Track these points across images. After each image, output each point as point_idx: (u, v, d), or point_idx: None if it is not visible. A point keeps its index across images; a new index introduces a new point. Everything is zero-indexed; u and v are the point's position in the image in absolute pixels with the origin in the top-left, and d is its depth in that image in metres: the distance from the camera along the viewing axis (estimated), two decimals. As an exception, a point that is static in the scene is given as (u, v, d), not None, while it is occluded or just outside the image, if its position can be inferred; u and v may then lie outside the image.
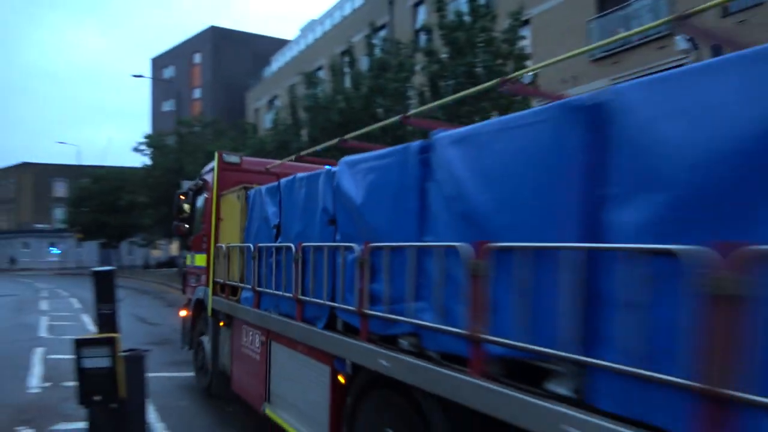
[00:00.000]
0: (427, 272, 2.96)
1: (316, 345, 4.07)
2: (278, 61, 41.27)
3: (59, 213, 60.81)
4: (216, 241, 6.76)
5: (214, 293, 6.73)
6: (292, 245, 4.42)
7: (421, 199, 3.19)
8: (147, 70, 61.03)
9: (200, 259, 7.45)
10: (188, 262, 8.45)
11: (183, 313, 8.49)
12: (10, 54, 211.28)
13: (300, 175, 4.72)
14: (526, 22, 16.66)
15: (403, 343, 3.17)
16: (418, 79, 16.09)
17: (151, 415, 6.01)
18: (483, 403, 2.47)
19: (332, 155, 9.51)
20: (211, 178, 7.18)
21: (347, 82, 18.89)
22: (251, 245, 5.34)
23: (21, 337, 12.28)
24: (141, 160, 44.68)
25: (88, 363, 3.04)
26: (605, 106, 2.20)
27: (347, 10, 31.95)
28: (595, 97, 2.27)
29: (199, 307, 7.52)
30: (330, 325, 3.99)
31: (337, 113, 17.58)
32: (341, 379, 3.90)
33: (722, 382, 1.65)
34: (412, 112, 5.11)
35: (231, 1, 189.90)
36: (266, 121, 37.10)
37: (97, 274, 3.28)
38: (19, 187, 64.44)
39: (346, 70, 19.63)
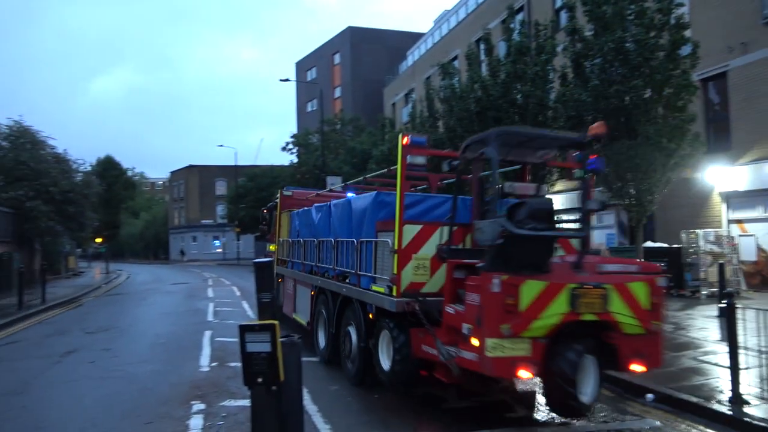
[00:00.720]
0: (329, 249, 8.36)
1: (307, 281, 9.62)
2: (413, 55, 41.64)
3: (220, 209, 67.20)
4: (278, 237, 12.69)
5: (278, 264, 12.15)
6: (301, 239, 10.37)
7: (329, 223, 8.50)
8: (292, 74, 64.88)
9: (273, 247, 13.56)
10: (268, 249, 14.84)
11: None
12: (179, 71, 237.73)
13: (306, 208, 10.62)
14: (684, -12, 15.06)
15: (325, 275, 8.67)
16: (560, 61, 15.29)
17: (305, 397, 6.37)
18: (335, 289, 8.03)
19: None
20: (278, 203, 12.96)
21: (484, 70, 18.50)
22: (290, 239, 11.45)
23: (193, 320, 13.73)
24: (289, 159, 47.90)
25: (252, 347, 3.26)
26: (350, 203, 7.89)
27: (482, -4, 31.25)
28: (348, 200, 8.09)
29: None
30: (311, 272, 9.48)
31: (474, 102, 17.28)
32: (312, 293, 9.29)
33: (359, 270, 7.26)
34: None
35: (367, 1, 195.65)
36: (403, 115, 37.65)
37: (257, 265, 3.51)
38: (188, 187, 72.20)
39: (483, 57, 19.23)
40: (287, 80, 36.63)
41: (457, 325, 5.37)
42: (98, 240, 43.23)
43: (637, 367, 5.32)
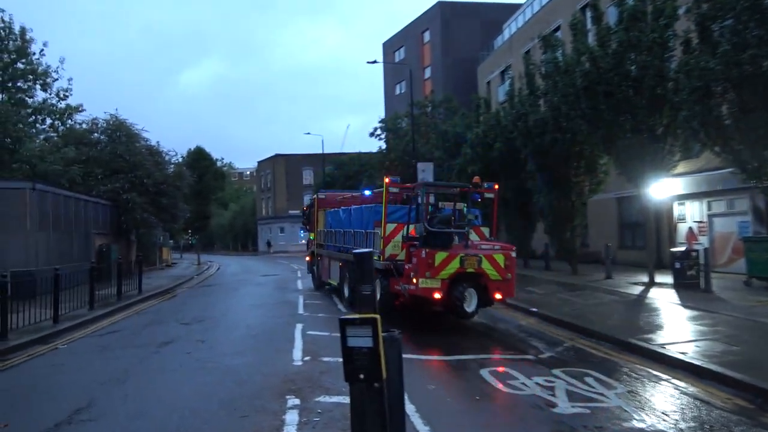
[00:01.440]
0: (350, 236, 15.49)
1: (338, 257, 16.53)
2: (510, 28, 40.53)
3: (308, 199, 69.19)
4: (316, 228, 20.23)
5: (316, 247, 20.20)
6: (333, 230, 17.69)
7: (350, 221, 15.88)
8: (380, 56, 65.26)
9: (312, 235, 21.21)
10: (309, 237, 22.35)
11: (308, 258, 22.37)
12: (265, 59, 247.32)
13: (334, 209, 18.55)
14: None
15: (348, 252, 14.87)
16: (682, 26, 14.27)
17: (402, 395, 6.41)
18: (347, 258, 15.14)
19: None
20: (316, 202, 20.82)
21: (591, 41, 17.65)
22: (325, 230, 18.98)
23: (284, 313, 14.26)
24: (377, 145, 48.37)
25: (353, 342, 3.27)
26: (362, 209, 15.25)
27: (588, -42, 29.76)
28: (361, 207, 15.54)
29: (312, 254, 21.05)
30: (340, 251, 16.47)
31: (581, 76, 16.55)
32: (341, 264, 16.22)
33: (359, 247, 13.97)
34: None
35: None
36: (499, 94, 36.81)
37: (357, 257, 3.53)
38: (275, 177, 74.93)
39: (590, 26, 18.34)
40: (374, 62, 36.92)
41: (408, 273, 11.09)
42: (189, 232, 45.87)
43: (498, 296, 11.06)
